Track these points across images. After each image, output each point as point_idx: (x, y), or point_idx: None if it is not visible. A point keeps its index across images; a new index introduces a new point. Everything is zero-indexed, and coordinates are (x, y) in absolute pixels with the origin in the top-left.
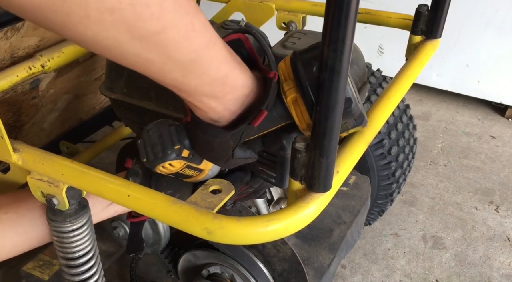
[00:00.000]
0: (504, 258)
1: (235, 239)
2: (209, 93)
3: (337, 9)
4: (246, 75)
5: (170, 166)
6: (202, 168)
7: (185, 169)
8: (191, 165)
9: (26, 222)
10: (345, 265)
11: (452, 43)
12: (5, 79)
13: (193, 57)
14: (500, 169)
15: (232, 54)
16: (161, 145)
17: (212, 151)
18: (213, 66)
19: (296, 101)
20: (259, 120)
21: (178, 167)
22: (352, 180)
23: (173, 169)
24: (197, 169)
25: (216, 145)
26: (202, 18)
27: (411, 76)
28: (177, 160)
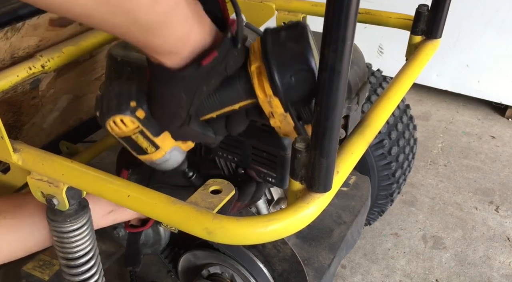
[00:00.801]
0: (504, 258)
1: (235, 239)
2: (171, 50)
3: (337, 9)
4: (208, 33)
5: (121, 123)
6: (158, 143)
7: (138, 135)
8: (146, 133)
9: (26, 227)
10: (345, 265)
11: (452, 43)
12: (5, 79)
13: (159, 19)
14: (500, 169)
15: (196, 12)
16: (117, 99)
17: (164, 106)
18: (177, 28)
19: (259, 72)
20: (207, 60)
21: (131, 127)
22: (352, 180)
23: (125, 129)
24: (153, 142)
25: (168, 97)
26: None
27: (411, 76)
28: (130, 117)
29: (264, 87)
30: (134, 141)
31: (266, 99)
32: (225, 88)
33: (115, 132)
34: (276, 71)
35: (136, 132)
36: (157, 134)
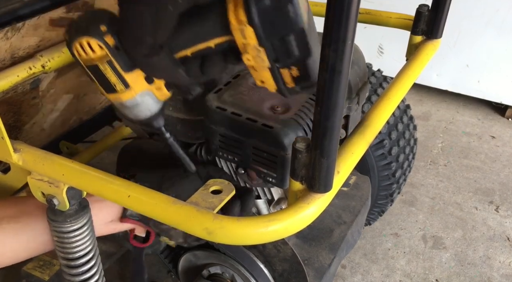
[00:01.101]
0: (504, 258)
1: (236, 240)
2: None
3: (337, 9)
4: None
5: (88, 47)
6: (128, 81)
7: (106, 66)
8: (115, 64)
9: (29, 231)
10: (345, 265)
11: (452, 43)
12: (5, 80)
13: None
14: (500, 169)
15: None
16: (87, 22)
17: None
18: None
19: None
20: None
21: (98, 54)
22: (352, 180)
23: (92, 55)
24: (122, 78)
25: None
26: None
27: (411, 76)
28: (97, 41)
29: (237, 13)
30: (101, 72)
31: (238, 27)
32: (198, 20)
33: (82, 58)
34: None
35: (104, 62)
36: (127, 69)
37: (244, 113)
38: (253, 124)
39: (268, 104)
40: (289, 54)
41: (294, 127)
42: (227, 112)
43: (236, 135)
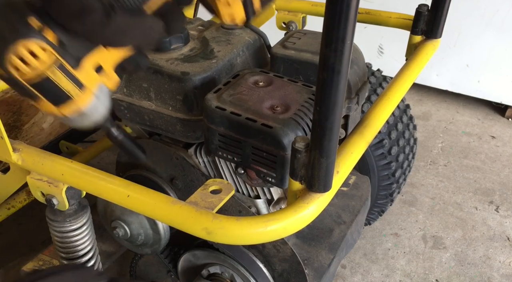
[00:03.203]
0: (504, 258)
1: (235, 239)
2: None
3: (337, 9)
4: None
5: (31, 57)
6: (81, 79)
7: (57, 73)
8: (65, 65)
9: None
10: (345, 265)
11: (452, 43)
12: None
13: None
14: (500, 169)
15: None
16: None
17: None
18: None
19: None
20: None
21: (45, 60)
22: (352, 180)
23: (38, 65)
24: (75, 79)
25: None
26: None
27: (411, 76)
28: (40, 42)
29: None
30: (52, 83)
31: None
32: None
33: (24, 75)
34: None
35: (53, 68)
36: (76, 64)
37: (243, 113)
38: (253, 124)
39: (268, 104)
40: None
41: (294, 127)
42: (226, 112)
43: (235, 135)
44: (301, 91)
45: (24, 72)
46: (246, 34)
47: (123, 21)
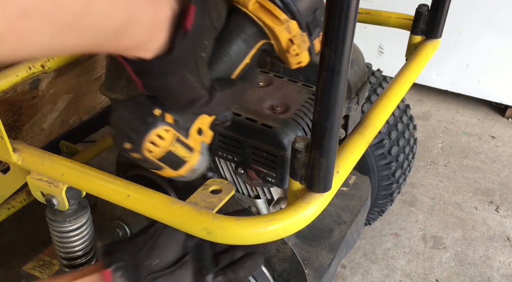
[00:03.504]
0: (504, 258)
1: (235, 239)
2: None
3: (337, 9)
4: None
5: (159, 139)
6: (191, 145)
7: (176, 145)
8: (180, 138)
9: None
10: (345, 265)
11: (452, 43)
12: (5, 79)
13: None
14: (500, 169)
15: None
16: (139, 117)
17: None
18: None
19: (260, 5)
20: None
21: (168, 139)
22: (352, 180)
23: (164, 144)
24: (187, 145)
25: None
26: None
27: (411, 76)
28: (164, 127)
29: (275, 15)
30: (173, 154)
31: (283, 27)
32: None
33: (154, 154)
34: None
35: (174, 142)
36: (187, 133)
37: (243, 113)
38: (253, 124)
39: (268, 104)
40: (317, 24)
41: (294, 127)
42: None
43: (235, 135)
44: (301, 91)
45: (154, 152)
46: None
47: (221, 95)
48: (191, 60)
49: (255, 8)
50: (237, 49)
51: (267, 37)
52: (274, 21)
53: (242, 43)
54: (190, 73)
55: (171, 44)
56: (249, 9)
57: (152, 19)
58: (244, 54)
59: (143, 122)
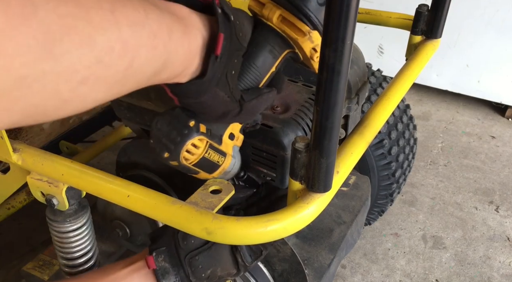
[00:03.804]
0: (504, 258)
1: (235, 239)
2: (183, 69)
3: (337, 9)
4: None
5: (194, 148)
6: (223, 150)
7: (209, 151)
8: (214, 145)
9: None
10: (345, 265)
11: (452, 43)
12: None
13: (164, 58)
14: (500, 169)
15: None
16: (176, 129)
17: (213, 111)
18: (179, 51)
19: (283, 18)
20: (219, 47)
21: (202, 147)
22: (352, 180)
23: (198, 152)
24: (220, 151)
25: (210, 103)
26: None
27: (411, 76)
28: (198, 137)
29: (298, 28)
30: (208, 160)
31: (306, 37)
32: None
33: (190, 161)
34: (303, 5)
35: (208, 150)
36: (220, 141)
37: None
38: None
39: None
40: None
41: (294, 127)
42: None
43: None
44: (301, 91)
45: (190, 159)
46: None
47: (250, 105)
48: (222, 78)
49: (278, 22)
50: (263, 60)
51: (292, 47)
52: (297, 33)
53: (268, 55)
54: (221, 90)
55: (203, 68)
56: (273, 22)
57: (187, 52)
58: (271, 65)
59: (179, 134)
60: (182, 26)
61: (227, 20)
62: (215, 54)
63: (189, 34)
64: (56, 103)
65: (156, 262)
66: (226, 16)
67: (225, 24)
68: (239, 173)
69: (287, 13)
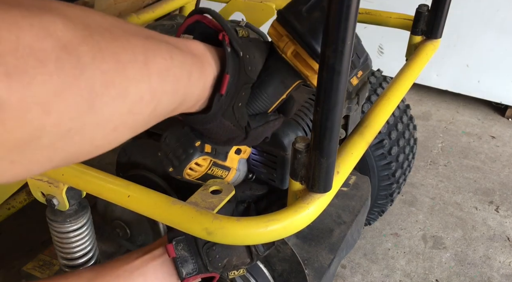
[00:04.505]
0: (504, 258)
1: (236, 240)
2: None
3: (337, 9)
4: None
5: (197, 166)
6: (228, 165)
7: (213, 168)
8: (218, 162)
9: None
10: (345, 265)
11: (452, 43)
12: None
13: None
14: (500, 169)
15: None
16: (182, 147)
17: (219, 136)
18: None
19: (297, 54)
20: (224, 87)
21: (205, 165)
22: (352, 180)
23: (201, 169)
24: (224, 166)
25: (216, 130)
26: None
27: (411, 76)
28: (202, 157)
29: (309, 65)
30: (210, 175)
31: (316, 74)
32: (267, 87)
33: (193, 177)
34: (316, 44)
35: (211, 167)
36: (225, 158)
37: None
38: None
39: None
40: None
41: (294, 127)
42: None
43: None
44: (301, 91)
45: (193, 175)
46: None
47: (256, 132)
48: (229, 109)
49: (292, 56)
50: (274, 89)
51: (303, 78)
52: (308, 70)
53: (279, 84)
54: (227, 119)
55: (210, 103)
56: (287, 56)
57: (201, 90)
58: (281, 94)
59: (184, 152)
60: (199, 66)
61: (236, 56)
62: (220, 93)
63: (205, 73)
64: (89, 149)
65: (176, 250)
66: (236, 53)
67: (234, 61)
68: (247, 176)
69: (301, 49)
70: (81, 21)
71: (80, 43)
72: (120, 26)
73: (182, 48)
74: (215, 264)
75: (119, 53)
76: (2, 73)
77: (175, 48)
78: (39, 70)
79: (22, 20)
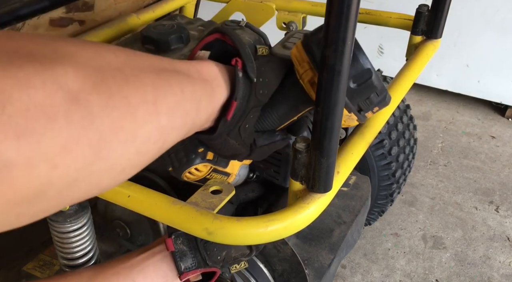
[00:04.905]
0: (504, 258)
1: (236, 240)
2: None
3: (337, 9)
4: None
5: (196, 171)
6: (229, 172)
7: (212, 173)
8: (218, 169)
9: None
10: (345, 265)
11: (452, 43)
12: None
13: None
14: (500, 169)
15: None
16: (184, 150)
17: (224, 152)
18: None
19: (314, 83)
20: (231, 113)
21: (205, 171)
22: (352, 180)
23: (200, 174)
24: (224, 172)
25: (221, 147)
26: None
27: (411, 76)
28: (203, 163)
29: None
30: (209, 180)
31: None
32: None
33: (191, 179)
34: None
35: (210, 172)
36: (226, 165)
37: None
38: None
39: None
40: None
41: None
42: None
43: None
44: None
45: (191, 179)
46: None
47: (261, 150)
48: (234, 130)
49: (309, 84)
50: (286, 112)
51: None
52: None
53: (292, 108)
54: (232, 138)
55: (215, 124)
56: (304, 83)
57: (209, 115)
58: (292, 116)
59: (186, 156)
60: (210, 92)
61: (248, 81)
62: (226, 118)
63: (214, 99)
64: (96, 192)
65: (175, 244)
66: (248, 79)
67: (245, 85)
68: (248, 176)
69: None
70: (93, 64)
71: (91, 92)
72: (132, 63)
73: (194, 75)
74: (213, 257)
75: (130, 96)
76: (12, 135)
77: (186, 78)
78: (49, 126)
79: (35, 77)
